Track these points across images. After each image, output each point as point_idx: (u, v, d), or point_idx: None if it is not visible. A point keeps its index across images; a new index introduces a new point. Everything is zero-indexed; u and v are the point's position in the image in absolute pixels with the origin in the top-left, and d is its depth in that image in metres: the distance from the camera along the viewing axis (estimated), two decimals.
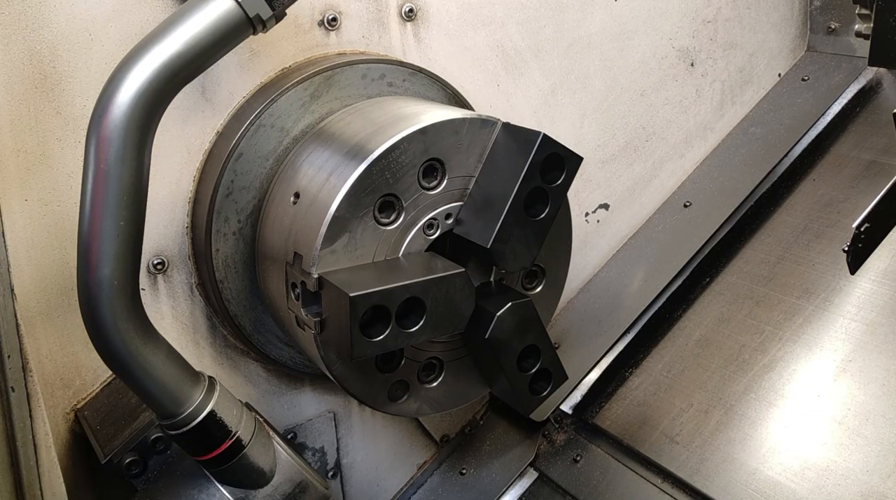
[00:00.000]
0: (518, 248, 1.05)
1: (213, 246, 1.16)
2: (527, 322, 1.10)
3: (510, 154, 1.06)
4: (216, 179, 1.15)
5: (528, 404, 1.15)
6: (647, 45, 1.57)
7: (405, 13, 1.30)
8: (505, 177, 1.05)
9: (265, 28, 1.01)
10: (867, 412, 1.16)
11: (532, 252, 1.08)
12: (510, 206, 1.03)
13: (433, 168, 1.06)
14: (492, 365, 1.11)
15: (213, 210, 1.15)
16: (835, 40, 1.74)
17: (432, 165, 1.06)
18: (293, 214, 1.07)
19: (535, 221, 1.07)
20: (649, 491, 1.24)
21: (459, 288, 1.00)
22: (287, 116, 1.17)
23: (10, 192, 1.07)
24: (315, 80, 1.18)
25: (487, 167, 1.08)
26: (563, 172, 1.08)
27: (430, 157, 1.05)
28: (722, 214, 1.56)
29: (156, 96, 0.93)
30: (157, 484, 1.09)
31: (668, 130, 1.65)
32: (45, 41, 1.05)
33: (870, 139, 1.57)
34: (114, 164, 0.91)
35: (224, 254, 1.18)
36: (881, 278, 1.32)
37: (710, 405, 1.29)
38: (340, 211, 0.99)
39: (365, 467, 1.46)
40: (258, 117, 1.15)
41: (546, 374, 1.15)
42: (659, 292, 1.49)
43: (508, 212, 1.03)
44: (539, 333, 1.12)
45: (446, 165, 1.06)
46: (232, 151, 1.14)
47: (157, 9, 1.10)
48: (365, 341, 0.95)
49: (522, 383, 1.13)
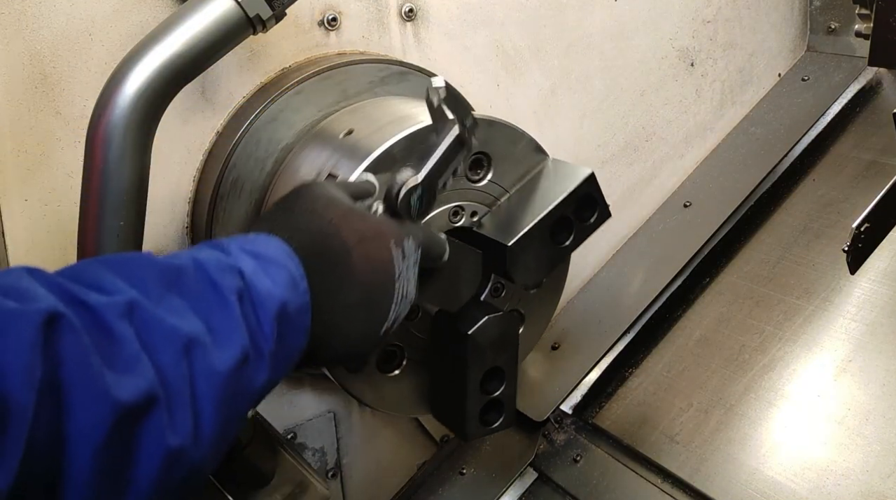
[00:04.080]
0: (531, 263, 1.03)
1: None
2: (508, 340, 1.05)
3: (550, 184, 1.06)
4: (216, 179, 1.15)
5: (472, 430, 1.06)
6: (647, 45, 1.57)
7: (405, 13, 1.30)
8: (540, 200, 1.05)
9: (265, 28, 1.01)
10: (867, 412, 1.16)
11: (541, 273, 1.06)
12: (541, 219, 1.02)
13: (479, 162, 1.06)
14: (451, 375, 1.04)
15: (213, 210, 1.15)
16: (835, 40, 1.73)
17: (479, 159, 1.05)
18: None
19: (554, 246, 1.06)
20: (649, 491, 1.24)
21: (470, 266, 0.98)
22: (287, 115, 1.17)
23: (10, 192, 1.07)
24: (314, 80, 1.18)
25: (524, 190, 1.08)
26: (591, 218, 1.09)
27: (482, 151, 1.04)
28: (722, 214, 1.56)
29: (156, 96, 0.93)
30: None
31: (668, 130, 1.65)
32: (45, 41, 1.05)
33: (870, 139, 1.57)
34: (114, 164, 0.91)
35: None
36: (881, 278, 1.32)
37: (710, 405, 1.29)
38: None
39: (365, 467, 1.46)
40: (258, 117, 1.15)
41: (499, 406, 1.08)
42: (659, 292, 1.49)
43: (538, 223, 1.02)
44: (514, 359, 1.08)
45: (492, 166, 1.06)
46: (232, 151, 1.14)
47: (157, 9, 1.10)
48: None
49: (477, 404, 1.05)
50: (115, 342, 0.53)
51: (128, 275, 0.58)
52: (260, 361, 0.63)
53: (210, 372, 0.57)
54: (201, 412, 0.57)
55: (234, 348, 0.60)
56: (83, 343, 0.50)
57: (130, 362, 0.53)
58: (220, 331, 0.59)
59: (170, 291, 0.59)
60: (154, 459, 0.54)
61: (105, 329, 0.53)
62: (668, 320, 1.48)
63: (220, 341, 0.59)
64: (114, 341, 0.53)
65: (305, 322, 0.69)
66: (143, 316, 0.55)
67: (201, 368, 0.57)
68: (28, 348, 0.47)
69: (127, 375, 0.52)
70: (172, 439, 0.54)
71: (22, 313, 0.48)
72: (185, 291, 0.60)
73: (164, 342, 0.55)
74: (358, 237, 0.75)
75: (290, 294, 0.66)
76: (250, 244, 0.69)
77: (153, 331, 0.55)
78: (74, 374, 0.49)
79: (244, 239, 0.70)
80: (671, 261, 1.53)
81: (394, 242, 0.78)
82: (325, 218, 0.75)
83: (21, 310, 0.48)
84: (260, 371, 0.63)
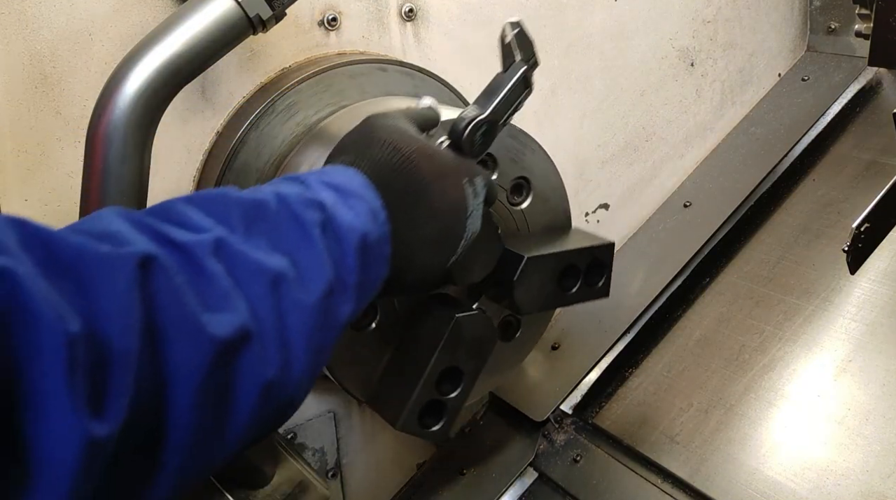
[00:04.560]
0: (535, 288, 1.03)
1: None
2: (483, 349, 1.02)
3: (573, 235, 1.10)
4: (216, 179, 1.15)
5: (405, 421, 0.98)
6: (647, 45, 1.57)
7: (405, 13, 1.30)
8: (560, 241, 1.08)
9: (265, 28, 1.01)
10: (867, 412, 1.16)
11: (536, 305, 1.05)
12: (559, 253, 1.05)
13: (520, 188, 1.10)
14: (412, 356, 0.99)
15: None
16: (835, 40, 1.73)
17: (521, 184, 1.09)
18: None
19: (557, 287, 1.06)
20: (649, 491, 1.24)
21: (491, 249, 0.95)
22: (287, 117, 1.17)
23: (10, 192, 1.07)
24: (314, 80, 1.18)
25: (548, 231, 1.12)
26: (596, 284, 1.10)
27: (525, 176, 1.09)
28: (722, 214, 1.56)
29: (156, 96, 0.93)
30: None
31: (668, 130, 1.65)
32: (45, 41, 1.05)
33: (870, 139, 1.57)
34: (114, 164, 0.91)
35: None
36: (881, 278, 1.32)
37: (710, 405, 1.29)
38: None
39: (365, 467, 1.46)
40: (258, 117, 1.15)
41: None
42: (659, 292, 1.49)
43: (555, 255, 1.04)
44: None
45: (531, 196, 1.10)
46: (232, 152, 1.14)
47: (157, 9, 1.10)
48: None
49: (424, 396, 0.98)
50: (207, 280, 0.53)
51: (213, 212, 0.59)
52: (344, 292, 0.64)
53: (298, 305, 0.58)
54: (292, 345, 0.58)
55: (319, 281, 0.61)
56: (177, 283, 0.51)
57: (223, 298, 0.54)
58: (306, 265, 0.60)
59: (254, 226, 0.60)
60: (251, 392, 0.55)
61: (196, 267, 0.53)
62: (668, 320, 1.48)
63: (306, 275, 0.60)
64: (205, 279, 0.53)
65: (386, 252, 0.71)
66: (230, 252, 0.56)
67: (289, 301, 0.58)
68: (125, 292, 0.48)
69: (221, 311, 0.53)
70: (267, 371, 0.55)
71: (116, 257, 0.49)
72: (270, 226, 0.60)
73: (252, 278, 0.56)
74: (436, 174, 0.76)
75: (371, 225, 0.68)
76: (329, 177, 0.70)
77: (241, 267, 0.56)
78: (171, 314, 0.50)
79: (322, 172, 0.71)
80: (671, 261, 1.53)
81: (467, 180, 0.80)
82: (403, 152, 0.76)
83: (115, 254, 0.49)
84: (345, 303, 0.65)
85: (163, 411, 0.50)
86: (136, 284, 0.49)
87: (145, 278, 0.50)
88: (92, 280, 0.47)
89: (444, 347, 0.96)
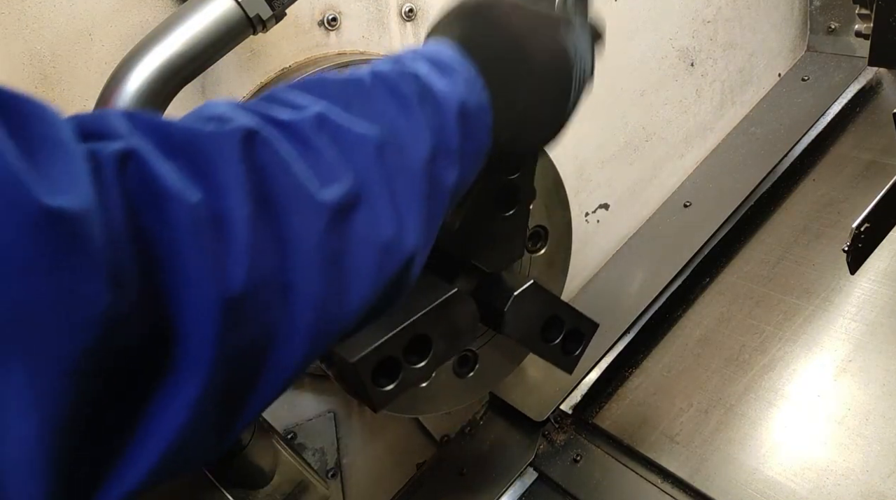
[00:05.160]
0: (524, 317, 1.04)
1: None
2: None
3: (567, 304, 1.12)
4: None
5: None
6: (647, 45, 1.57)
7: (405, 13, 1.30)
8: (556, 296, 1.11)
9: (265, 28, 1.01)
10: (867, 412, 1.16)
11: (520, 331, 1.06)
12: (555, 299, 1.08)
13: (538, 236, 1.13)
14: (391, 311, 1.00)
15: None
16: (835, 40, 1.74)
17: (539, 232, 1.12)
18: None
19: (540, 330, 1.07)
20: (649, 491, 1.24)
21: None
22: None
23: None
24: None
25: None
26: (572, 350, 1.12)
27: (545, 225, 1.12)
28: (722, 214, 1.56)
29: (156, 96, 0.93)
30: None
31: (668, 130, 1.65)
32: (45, 41, 1.05)
33: (870, 139, 1.57)
34: None
35: None
36: (881, 278, 1.32)
37: (710, 405, 1.29)
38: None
39: (365, 467, 1.46)
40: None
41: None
42: (659, 292, 1.49)
43: (550, 299, 1.07)
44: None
45: (547, 247, 1.14)
46: None
47: (157, 9, 1.10)
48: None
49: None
50: (313, 151, 0.56)
51: (312, 92, 0.61)
52: (448, 158, 0.65)
53: (404, 170, 0.61)
54: (402, 208, 0.60)
55: (421, 147, 0.63)
56: (283, 155, 0.53)
57: (330, 167, 0.56)
58: (406, 133, 0.62)
59: (353, 101, 0.62)
60: (368, 255, 0.57)
61: (300, 141, 0.55)
62: (668, 320, 1.48)
63: (408, 142, 0.62)
64: (311, 151, 0.55)
65: (486, 120, 0.71)
66: (333, 125, 0.58)
67: (395, 167, 0.60)
68: (235, 163, 0.50)
69: (329, 179, 0.55)
70: (381, 234, 0.58)
71: (220, 132, 0.51)
72: (368, 100, 0.62)
73: (356, 147, 0.58)
74: (529, 27, 0.75)
75: (468, 93, 0.68)
76: (422, 52, 0.71)
77: (344, 138, 0.58)
78: (281, 183, 0.52)
79: (413, 49, 0.72)
80: (671, 261, 1.53)
81: (563, 28, 0.78)
82: (493, 12, 0.75)
83: (220, 130, 0.52)
84: (450, 169, 0.66)
85: (287, 275, 0.52)
86: (245, 156, 0.51)
87: (252, 150, 0.52)
88: (203, 156, 0.50)
89: (429, 312, 0.94)
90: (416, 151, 0.62)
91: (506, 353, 1.16)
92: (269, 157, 0.52)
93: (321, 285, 0.54)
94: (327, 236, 0.54)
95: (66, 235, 0.38)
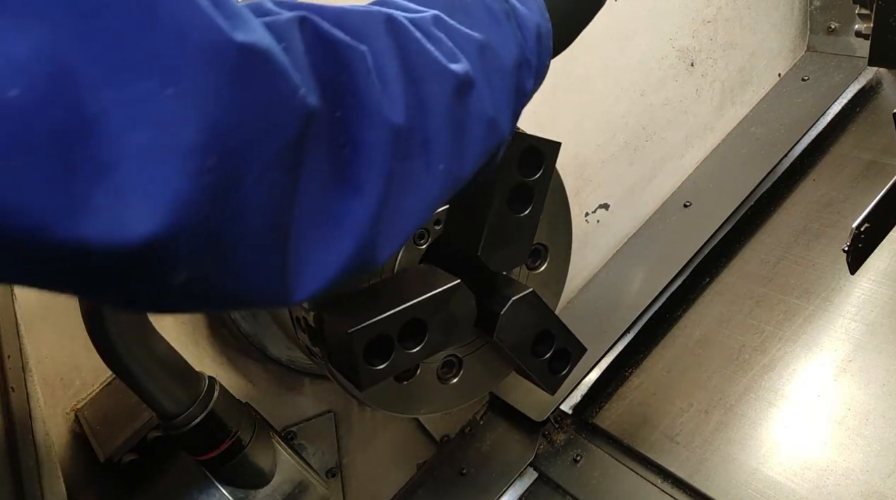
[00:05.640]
0: (519, 325, 1.04)
1: None
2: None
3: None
4: None
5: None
6: (647, 45, 1.57)
7: None
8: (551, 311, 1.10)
9: None
10: (867, 412, 1.16)
11: (513, 337, 1.05)
12: (551, 313, 1.07)
13: (538, 253, 1.11)
14: (392, 291, 0.98)
15: None
16: (835, 40, 1.74)
17: (539, 250, 1.11)
18: None
19: (529, 342, 1.07)
20: (649, 491, 1.24)
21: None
22: None
23: None
24: None
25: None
26: (559, 369, 1.12)
27: (545, 244, 1.11)
28: (722, 214, 1.56)
29: None
30: (156, 484, 1.09)
31: (668, 130, 1.65)
32: None
33: (870, 139, 1.57)
34: None
35: None
36: (881, 278, 1.32)
37: (710, 405, 1.29)
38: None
39: (365, 467, 1.46)
40: None
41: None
42: (659, 292, 1.49)
43: (544, 313, 1.06)
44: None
45: (547, 264, 1.12)
46: None
47: None
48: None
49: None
50: (434, 41, 0.67)
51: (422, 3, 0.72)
52: (529, 69, 0.78)
53: (499, 70, 0.73)
54: (499, 100, 0.73)
55: (511, 55, 0.74)
56: (417, 36, 0.65)
57: (451, 51, 0.68)
58: (499, 42, 0.74)
59: (456, 12, 0.73)
60: (481, 128, 0.70)
61: (424, 31, 0.66)
62: (668, 320, 1.48)
63: (501, 50, 0.74)
64: (433, 40, 0.67)
65: (551, 46, 0.83)
66: (446, 25, 0.70)
67: (493, 66, 0.72)
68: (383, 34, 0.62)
69: (453, 59, 0.67)
70: (488, 111, 0.71)
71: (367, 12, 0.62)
72: (467, 12, 0.74)
73: (465, 44, 0.70)
74: None
75: (542, 19, 0.81)
76: None
77: (455, 35, 0.70)
78: (420, 59, 0.64)
79: None
80: (671, 261, 1.53)
81: None
82: None
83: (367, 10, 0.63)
84: (529, 78, 0.79)
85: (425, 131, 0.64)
86: (389, 30, 0.62)
87: (393, 28, 0.63)
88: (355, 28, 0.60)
89: (430, 298, 0.94)
90: (507, 59, 0.74)
91: (490, 367, 1.15)
92: (406, 34, 0.64)
93: (449, 146, 0.66)
94: (453, 105, 0.66)
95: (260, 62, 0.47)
